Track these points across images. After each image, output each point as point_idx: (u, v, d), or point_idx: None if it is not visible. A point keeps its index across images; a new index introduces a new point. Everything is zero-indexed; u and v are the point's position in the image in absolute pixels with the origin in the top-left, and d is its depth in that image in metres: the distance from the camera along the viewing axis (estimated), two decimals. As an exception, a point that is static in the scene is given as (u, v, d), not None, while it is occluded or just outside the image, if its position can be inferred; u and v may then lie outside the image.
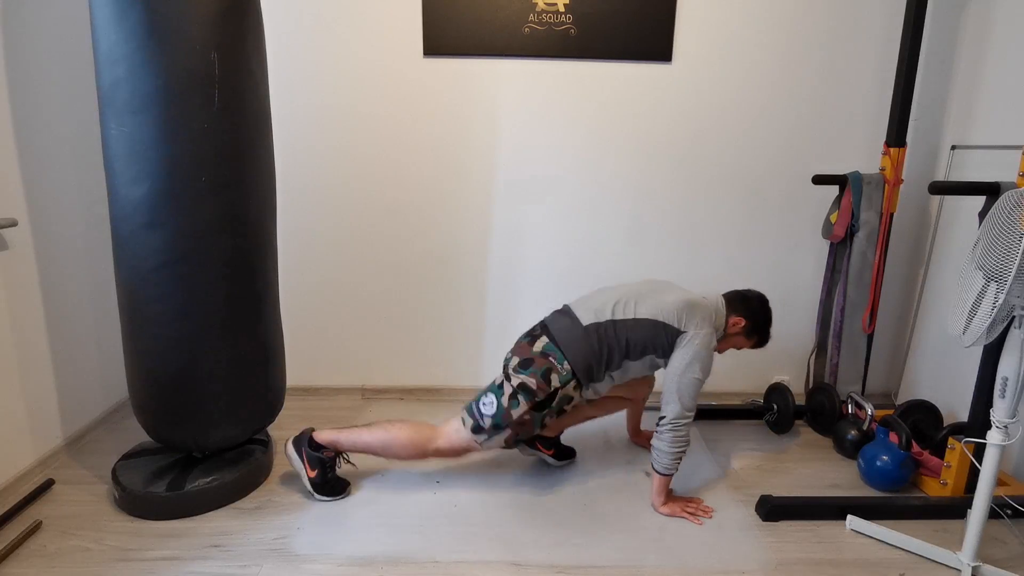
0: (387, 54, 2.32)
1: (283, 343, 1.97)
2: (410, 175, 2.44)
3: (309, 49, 2.31)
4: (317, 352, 2.60)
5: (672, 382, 1.76)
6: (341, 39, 2.31)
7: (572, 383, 1.77)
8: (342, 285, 2.54)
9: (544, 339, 1.81)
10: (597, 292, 1.92)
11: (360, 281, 2.54)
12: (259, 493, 1.89)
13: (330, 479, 1.87)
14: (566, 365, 1.76)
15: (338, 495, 1.87)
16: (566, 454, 2.10)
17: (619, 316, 1.80)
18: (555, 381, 1.75)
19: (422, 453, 1.84)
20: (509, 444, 1.84)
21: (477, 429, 1.79)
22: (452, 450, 1.84)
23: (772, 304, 1.99)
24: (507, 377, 1.80)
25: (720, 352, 1.94)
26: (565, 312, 1.87)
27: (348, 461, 1.92)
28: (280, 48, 2.30)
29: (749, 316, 1.90)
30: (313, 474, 1.83)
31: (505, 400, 1.76)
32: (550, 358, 1.77)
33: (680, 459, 1.79)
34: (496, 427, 1.77)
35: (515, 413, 1.75)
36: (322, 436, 1.86)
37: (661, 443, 1.77)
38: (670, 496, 1.85)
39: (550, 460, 2.07)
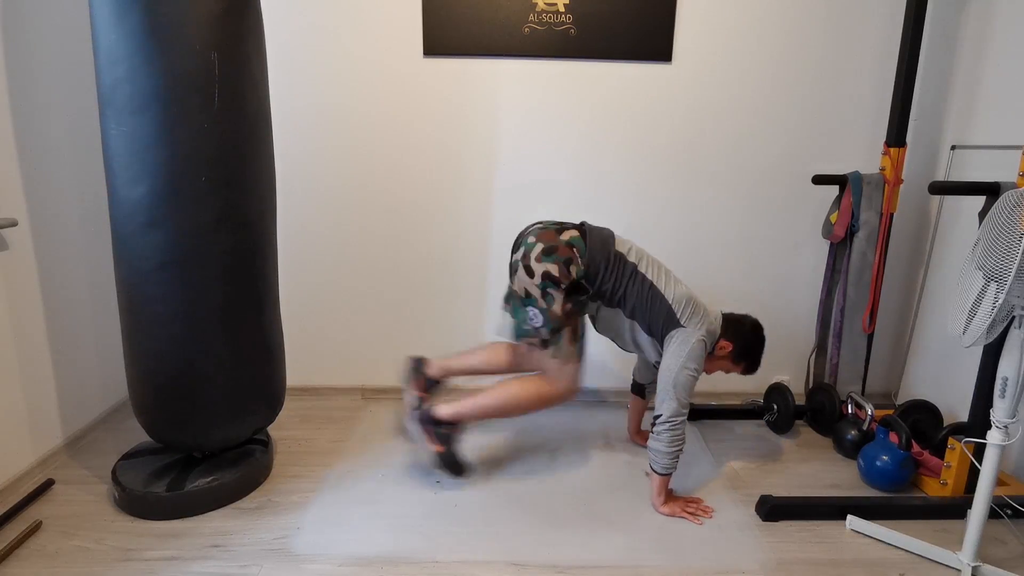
0: (387, 54, 2.32)
1: (283, 343, 1.97)
2: (410, 175, 2.44)
3: (309, 49, 2.31)
4: (317, 352, 2.61)
5: (668, 379, 1.75)
6: (341, 39, 2.31)
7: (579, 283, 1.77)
8: (342, 285, 2.54)
9: (574, 232, 1.79)
10: (630, 240, 1.91)
11: (360, 281, 2.54)
12: (259, 493, 1.89)
13: (455, 455, 1.90)
14: (583, 263, 1.76)
15: (460, 474, 1.92)
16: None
17: (642, 271, 1.80)
18: (574, 272, 1.75)
19: (541, 403, 1.84)
20: (575, 339, 1.81)
21: (545, 344, 1.78)
22: (564, 389, 1.83)
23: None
24: (527, 269, 1.75)
25: (708, 373, 1.95)
26: (608, 231, 1.85)
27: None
28: (280, 48, 2.30)
29: (738, 342, 1.89)
30: (442, 450, 1.87)
31: (542, 303, 1.74)
32: (574, 249, 1.76)
33: (678, 457, 1.79)
34: (555, 331, 1.76)
35: (557, 307, 1.74)
36: (442, 412, 1.87)
37: (659, 443, 1.77)
38: (670, 496, 1.85)
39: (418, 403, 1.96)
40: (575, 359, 1.83)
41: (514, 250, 1.85)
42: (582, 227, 1.83)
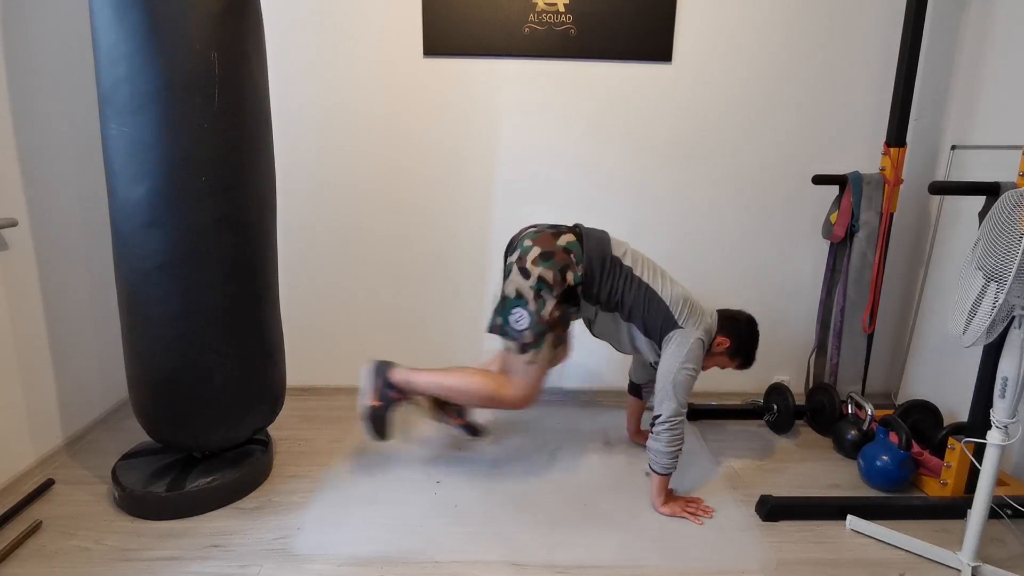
0: (387, 54, 2.32)
1: (283, 343, 1.97)
2: (410, 175, 2.44)
3: (309, 49, 2.31)
4: (317, 352, 2.61)
5: (667, 380, 1.75)
6: (341, 39, 2.31)
7: (576, 290, 1.77)
8: (342, 285, 2.54)
9: (571, 237, 1.78)
10: (626, 243, 1.92)
11: (360, 281, 2.54)
12: (259, 493, 1.89)
13: (384, 416, 1.88)
14: (581, 270, 1.75)
15: (379, 436, 1.89)
16: (475, 430, 2.11)
17: (637, 273, 1.80)
18: (570, 279, 1.74)
19: (491, 401, 1.83)
20: (558, 345, 1.81)
21: (523, 348, 1.75)
22: (519, 399, 1.81)
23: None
24: (523, 271, 1.74)
25: (704, 369, 1.94)
26: (604, 233, 1.85)
27: (414, 402, 1.94)
28: (280, 48, 2.30)
29: (734, 338, 1.90)
30: (378, 404, 1.86)
31: (532, 305, 1.72)
32: (571, 255, 1.75)
33: (677, 457, 1.79)
34: (539, 335, 1.74)
35: (546, 312, 1.72)
36: (396, 376, 1.86)
37: (658, 443, 1.77)
38: (670, 496, 1.85)
39: (461, 431, 2.06)
40: (545, 368, 1.82)
41: (508, 253, 1.85)
42: (577, 230, 1.83)
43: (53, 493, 1.86)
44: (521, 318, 1.73)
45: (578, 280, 1.76)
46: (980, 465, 1.52)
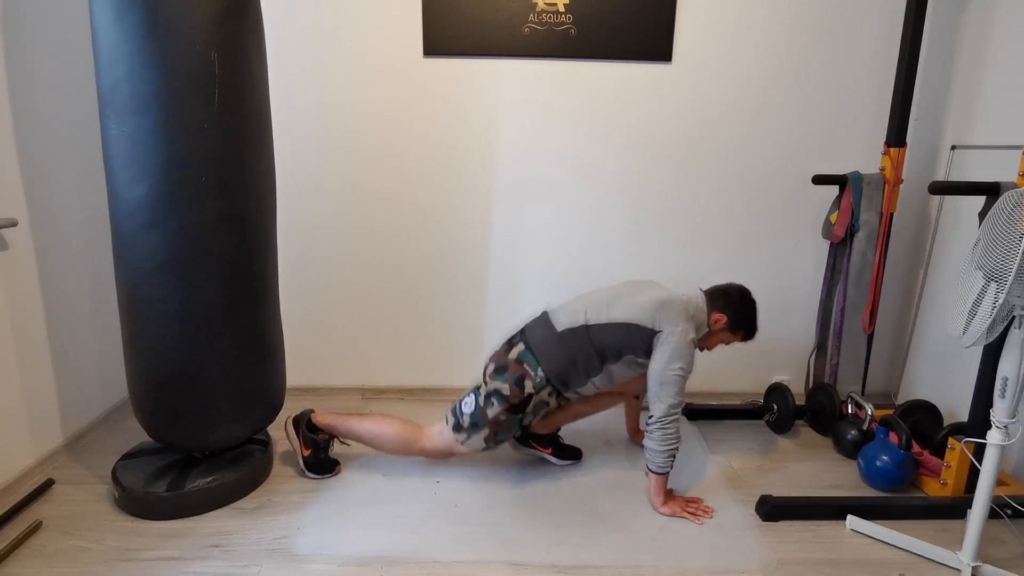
0: (387, 54, 2.32)
1: (283, 343, 1.97)
2: (410, 175, 2.44)
3: (309, 49, 2.31)
4: (317, 352, 2.61)
5: (655, 381, 1.76)
6: (341, 39, 2.31)
7: (547, 389, 1.82)
8: (342, 285, 2.54)
9: (521, 346, 1.86)
10: (578, 297, 1.94)
11: (360, 281, 2.54)
12: (259, 493, 1.89)
13: (322, 459, 1.97)
14: (540, 372, 1.81)
15: (327, 474, 1.97)
16: (569, 454, 2.10)
17: (592, 321, 1.82)
18: (528, 387, 1.81)
19: (408, 450, 1.93)
20: (490, 443, 1.86)
21: (457, 427, 1.85)
22: (436, 451, 1.90)
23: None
24: (484, 381, 1.86)
25: (710, 350, 1.95)
26: (543, 318, 1.90)
27: (343, 443, 2.01)
28: (280, 48, 2.30)
29: (730, 311, 1.89)
30: (307, 453, 1.94)
31: (482, 400, 1.83)
32: (524, 364, 1.82)
33: (674, 456, 1.78)
34: (474, 425, 1.83)
35: (490, 413, 1.82)
36: (320, 419, 1.96)
37: (652, 442, 1.77)
38: (670, 496, 1.85)
39: (551, 459, 2.07)
40: (468, 452, 1.89)
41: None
42: (524, 334, 1.89)
43: (53, 493, 1.86)
44: (467, 405, 1.85)
45: (539, 384, 1.81)
46: (980, 465, 1.52)
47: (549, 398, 1.85)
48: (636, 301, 1.82)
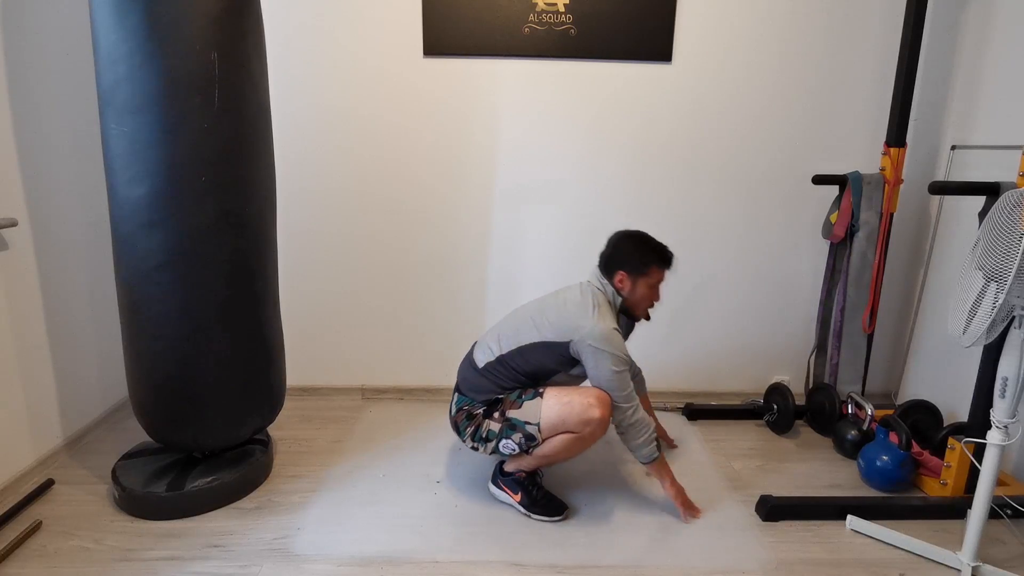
0: (387, 54, 2.32)
1: (283, 343, 1.97)
2: (410, 175, 2.44)
3: (309, 49, 2.31)
4: (317, 352, 2.61)
5: (600, 386, 1.73)
6: (341, 39, 2.31)
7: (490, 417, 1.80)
8: (342, 285, 2.54)
9: (456, 395, 1.89)
10: (501, 320, 1.92)
11: (360, 281, 2.54)
12: (259, 493, 1.89)
13: (538, 498, 1.83)
14: (477, 405, 1.82)
15: (555, 516, 1.81)
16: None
17: (506, 349, 1.80)
18: (477, 412, 1.82)
19: (590, 436, 1.74)
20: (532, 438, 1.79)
21: (530, 439, 1.75)
22: (602, 416, 1.70)
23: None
24: (482, 437, 1.82)
25: (642, 316, 1.86)
26: (468, 355, 1.92)
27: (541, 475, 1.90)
28: (280, 48, 2.30)
29: (624, 262, 1.80)
30: (518, 498, 1.84)
31: (497, 439, 1.79)
32: (463, 409, 1.84)
33: (652, 441, 1.76)
34: (530, 437, 1.75)
35: (471, 425, 1.82)
36: (508, 466, 1.88)
37: (630, 440, 1.77)
38: (675, 481, 1.84)
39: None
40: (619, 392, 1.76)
41: None
42: (457, 383, 1.91)
43: (53, 493, 1.86)
44: (507, 446, 1.79)
45: (484, 415, 1.81)
46: (980, 465, 1.52)
47: (495, 423, 1.82)
48: (541, 320, 1.78)
